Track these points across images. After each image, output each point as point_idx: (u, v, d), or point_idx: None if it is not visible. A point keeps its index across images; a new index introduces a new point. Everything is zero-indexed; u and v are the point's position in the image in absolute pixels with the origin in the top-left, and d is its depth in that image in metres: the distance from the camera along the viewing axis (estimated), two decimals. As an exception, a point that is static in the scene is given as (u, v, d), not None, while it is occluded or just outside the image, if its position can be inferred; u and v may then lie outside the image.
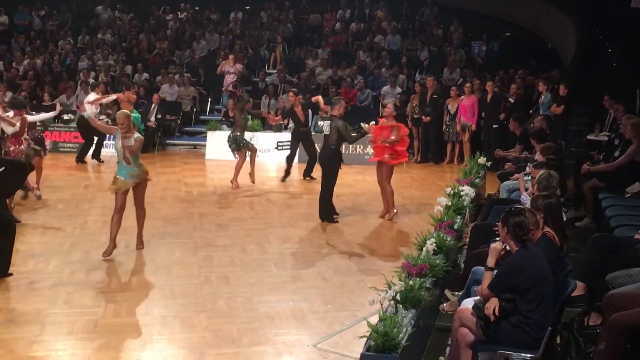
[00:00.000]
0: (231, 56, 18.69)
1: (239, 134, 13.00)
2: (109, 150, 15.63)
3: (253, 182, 13.11)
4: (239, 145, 13.00)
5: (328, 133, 10.48)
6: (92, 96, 15.38)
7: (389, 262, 8.20)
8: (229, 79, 18.51)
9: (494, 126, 14.72)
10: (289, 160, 14.02)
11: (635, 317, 4.97)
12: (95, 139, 15.59)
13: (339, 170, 10.70)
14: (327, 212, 10.64)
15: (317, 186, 13.21)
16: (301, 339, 6.42)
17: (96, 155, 15.64)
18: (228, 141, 13.13)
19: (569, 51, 18.12)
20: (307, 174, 13.93)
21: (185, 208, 11.44)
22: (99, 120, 16.81)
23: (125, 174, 8.66)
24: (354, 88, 18.07)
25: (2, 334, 6.41)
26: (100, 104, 15.76)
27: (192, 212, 11.13)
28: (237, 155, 13.10)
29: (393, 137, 10.47)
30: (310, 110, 16.78)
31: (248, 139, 13.41)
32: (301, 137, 13.91)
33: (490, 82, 15.48)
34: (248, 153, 13.08)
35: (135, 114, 15.33)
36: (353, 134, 10.93)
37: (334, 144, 10.42)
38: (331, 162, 10.50)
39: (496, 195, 10.39)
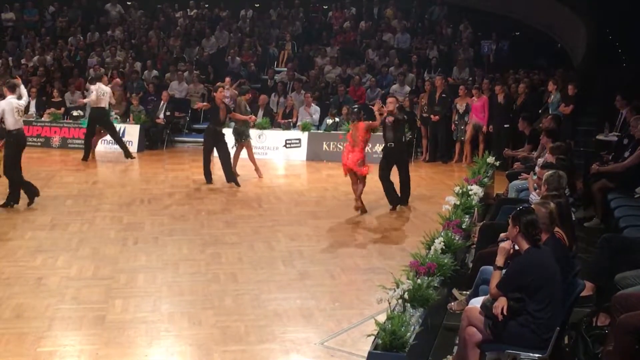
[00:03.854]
0: (227, 79, 17.79)
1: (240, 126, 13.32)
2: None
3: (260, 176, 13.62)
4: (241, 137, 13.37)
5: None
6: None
7: (397, 261, 8.17)
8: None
9: (505, 126, 14.68)
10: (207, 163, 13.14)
11: (644, 318, 4.95)
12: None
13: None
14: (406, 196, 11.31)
15: (324, 184, 13.27)
16: (308, 337, 6.42)
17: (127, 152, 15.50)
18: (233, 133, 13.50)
19: (579, 51, 18.05)
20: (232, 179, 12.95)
21: (193, 205, 11.46)
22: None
23: None
24: (363, 86, 18.06)
25: (10, 329, 6.44)
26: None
27: (200, 209, 11.14)
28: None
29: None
30: (319, 108, 16.86)
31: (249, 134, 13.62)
32: (217, 137, 12.86)
33: (498, 86, 15.37)
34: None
35: None
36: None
37: (391, 141, 10.98)
38: (401, 155, 11.19)
39: (505, 194, 10.36)
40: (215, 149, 12.99)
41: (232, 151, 13.32)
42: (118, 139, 15.52)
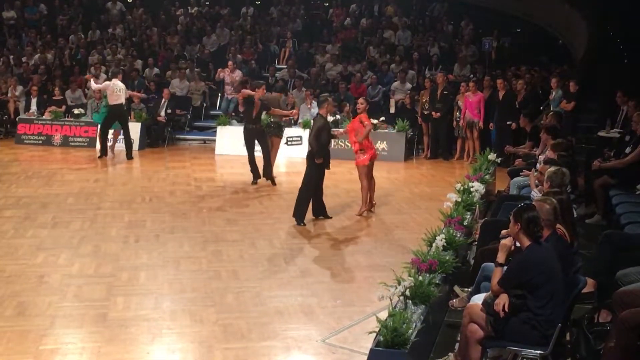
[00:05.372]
0: (230, 63, 18.18)
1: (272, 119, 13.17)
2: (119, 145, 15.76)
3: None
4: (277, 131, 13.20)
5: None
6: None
7: (398, 258, 8.15)
8: (227, 89, 18.24)
9: (507, 123, 14.66)
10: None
11: (646, 314, 4.95)
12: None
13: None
14: (301, 211, 10.18)
15: (325, 181, 13.16)
16: (310, 334, 6.42)
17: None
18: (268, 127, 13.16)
19: (580, 47, 18.03)
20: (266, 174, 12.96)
21: (194, 203, 11.46)
22: None
23: None
24: (364, 83, 18.06)
25: (12, 326, 6.45)
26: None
27: (201, 207, 11.15)
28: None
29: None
30: (314, 102, 16.86)
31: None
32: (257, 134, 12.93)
33: (500, 80, 15.37)
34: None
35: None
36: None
37: (310, 142, 10.25)
38: (309, 160, 10.23)
39: (506, 191, 10.35)
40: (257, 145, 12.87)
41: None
42: (128, 137, 15.49)
